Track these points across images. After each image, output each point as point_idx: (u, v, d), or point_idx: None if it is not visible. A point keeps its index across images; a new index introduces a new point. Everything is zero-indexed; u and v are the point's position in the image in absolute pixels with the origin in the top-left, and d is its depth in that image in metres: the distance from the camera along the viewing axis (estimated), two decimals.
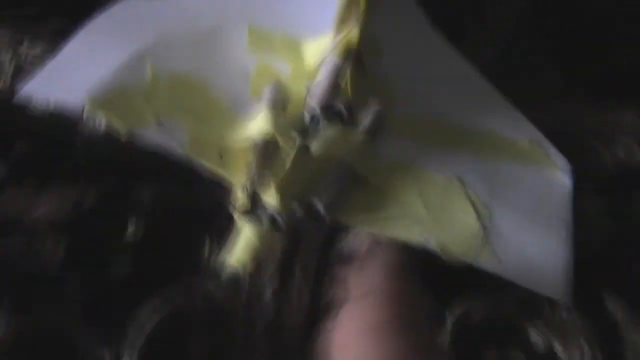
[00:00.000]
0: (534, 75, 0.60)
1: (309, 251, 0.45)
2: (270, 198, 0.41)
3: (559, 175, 0.52)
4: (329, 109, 0.45)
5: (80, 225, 0.42)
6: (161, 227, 0.43)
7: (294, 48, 0.52)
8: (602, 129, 0.55)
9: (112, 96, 0.44)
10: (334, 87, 0.46)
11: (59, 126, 0.45)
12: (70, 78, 0.45)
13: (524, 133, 0.53)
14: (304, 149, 0.43)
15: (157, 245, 0.43)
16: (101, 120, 0.43)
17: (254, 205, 0.42)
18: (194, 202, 0.44)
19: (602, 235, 0.50)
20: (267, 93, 0.48)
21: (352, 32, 0.48)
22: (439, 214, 0.46)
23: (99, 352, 0.38)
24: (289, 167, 0.43)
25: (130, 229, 0.43)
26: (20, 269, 0.40)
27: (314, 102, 0.46)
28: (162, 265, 0.42)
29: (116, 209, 0.43)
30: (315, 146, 0.45)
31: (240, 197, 0.42)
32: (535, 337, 0.45)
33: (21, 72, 0.48)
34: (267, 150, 0.44)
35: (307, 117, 0.46)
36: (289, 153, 0.44)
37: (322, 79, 0.46)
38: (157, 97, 0.46)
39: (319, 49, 0.51)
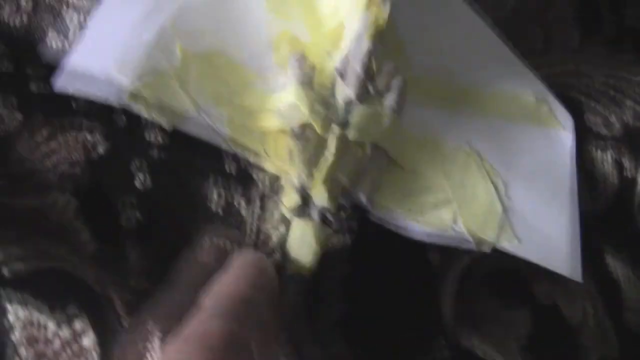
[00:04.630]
0: (549, 29, 0.60)
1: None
2: (318, 194, 0.41)
3: (562, 135, 0.51)
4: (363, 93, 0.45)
5: (90, 175, 0.42)
6: (168, 178, 0.43)
7: (309, 7, 0.51)
8: (611, 90, 0.55)
9: (148, 85, 0.42)
10: (368, 71, 0.45)
11: None
12: (98, 68, 0.43)
13: (529, 88, 0.53)
14: (344, 139, 0.43)
15: (165, 195, 0.43)
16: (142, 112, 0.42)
17: (305, 203, 0.42)
18: (201, 150, 0.43)
19: (606, 192, 0.50)
20: (292, 66, 0.47)
21: (382, 11, 0.46)
22: (462, 195, 0.46)
23: (108, 293, 0.38)
24: (332, 160, 0.42)
25: (139, 176, 0.43)
26: (32, 224, 0.40)
27: (348, 89, 0.45)
28: (170, 214, 0.42)
29: (125, 155, 0.43)
30: (350, 133, 0.44)
31: (290, 195, 0.42)
32: (539, 293, 0.45)
33: (39, 6, 0.47)
34: (306, 138, 0.43)
35: (340, 103, 0.45)
36: (326, 141, 0.43)
37: (355, 64, 0.45)
38: (190, 80, 0.44)
39: (336, 8, 0.50)
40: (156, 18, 0.45)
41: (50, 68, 0.45)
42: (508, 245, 0.44)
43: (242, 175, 0.44)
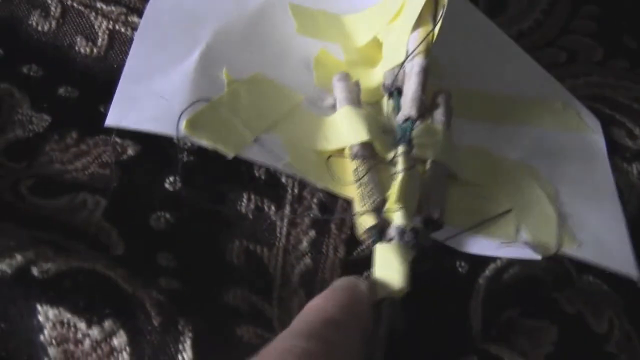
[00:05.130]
0: (572, 42, 0.60)
1: (345, 208, 0.44)
2: (394, 213, 0.40)
3: (594, 138, 0.52)
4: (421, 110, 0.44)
5: (120, 176, 0.42)
6: (198, 180, 0.43)
7: (338, 25, 0.51)
8: (635, 103, 0.55)
9: (202, 114, 0.42)
10: (425, 88, 0.45)
11: (102, 72, 0.45)
12: (146, 100, 0.43)
13: (555, 95, 0.54)
14: (410, 158, 0.42)
15: (195, 197, 0.42)
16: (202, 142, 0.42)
17: (384, 225, 0.41)
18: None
19: (631, 203, 0.50)
20: (337, 87, 0.47)
21: (433, 30, 0.46)
22: (519, 204, 0.45)
23: (138, 293, 0.37)
24: (402, 177, 0.41)
25: (169, 178, 0.42)
26: (62, 226, 0.40)
27: (408, 107, 0.44)
28: (200, 217, 0.42)
29: (155, 158, 0.43)
30: (414, 150, 0.44)
31: (365, 218, 0.41)
32: (565, 304, 0.44)
33: (68, 12, 0.47)
34: (368, 158, 0.43)
35: (398, 121, 0.45)
36: (387, 159, 0.43)
37: (412, 82, 0.45)
38: (240, 107, 0.44)
39: (366, 24, 0.51)
40: (194, 48, 0.46)
41: (79, 73, 0.45)
42: (569, 249, 0.44)
43: (271, 180, 0.44)
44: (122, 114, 0.42)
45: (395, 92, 0.46)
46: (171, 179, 0.42)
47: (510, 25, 0.58)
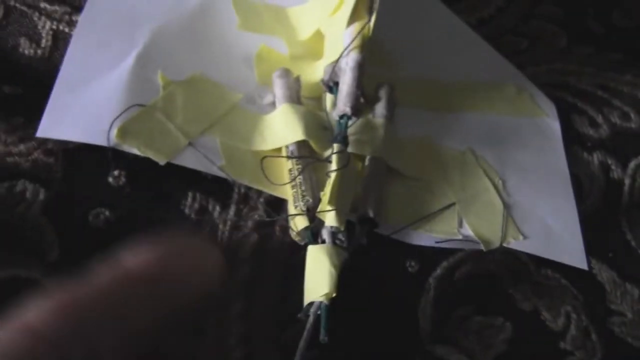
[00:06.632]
0: (535, 28, 0.59)
1: None
2: (326, 215, 0.39)
3: (548, 123, 0.51)
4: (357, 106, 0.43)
5: (63, 166, 0.41)
6: (143, 176, 0.42)
7: (281, 18, 0.50)
8: (599, 90, 0.54)
9: (135, 121, 0.41)
10: (360, 84, 0.44)
11: (47, 72, 0.44)
12: (80, 109, 0.41)
13: (510, 78, 0.53)
14: (344, 154, 0.41)
15: (138, 194, 0.42)
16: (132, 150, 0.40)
17: (316, 226, 0.40)
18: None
19: (591, 194, 0.49)
20: (276, 83, 0.46)
21: (368, 24, 0.45)
22: (464, 196, 0.45)
23: None
24: (335, 177, 0.40)
25: (114, 172, 0.42)
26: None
27: (343, 103, 0.43)
28: (141, 215, 0.41)
29: (101, 149, 0.42)
30: (349, 147, 0.43)
31: (298, 219, 0.41)
32: (521, 300, 0.44)
33: (11, 13, 0.46)
34: (304, 157, 0.42)
35: (334, 118, 0.44)
36: (324, 157, 0.42)
37: (347, 78, 0.44)
38: (176, 109, 0.43)
39: (309, 16, 0.50)
40: (130, 50, 0.44)
41: (23, 74, 0.44)
42: (514, 242, 0.44)
43: (218, 178, 0.43)
44: (54, 124, 0.40)
45: (334, 86, 0.45)
46: (116, 173, 0.42)
47: (470, 13, 0.57)
